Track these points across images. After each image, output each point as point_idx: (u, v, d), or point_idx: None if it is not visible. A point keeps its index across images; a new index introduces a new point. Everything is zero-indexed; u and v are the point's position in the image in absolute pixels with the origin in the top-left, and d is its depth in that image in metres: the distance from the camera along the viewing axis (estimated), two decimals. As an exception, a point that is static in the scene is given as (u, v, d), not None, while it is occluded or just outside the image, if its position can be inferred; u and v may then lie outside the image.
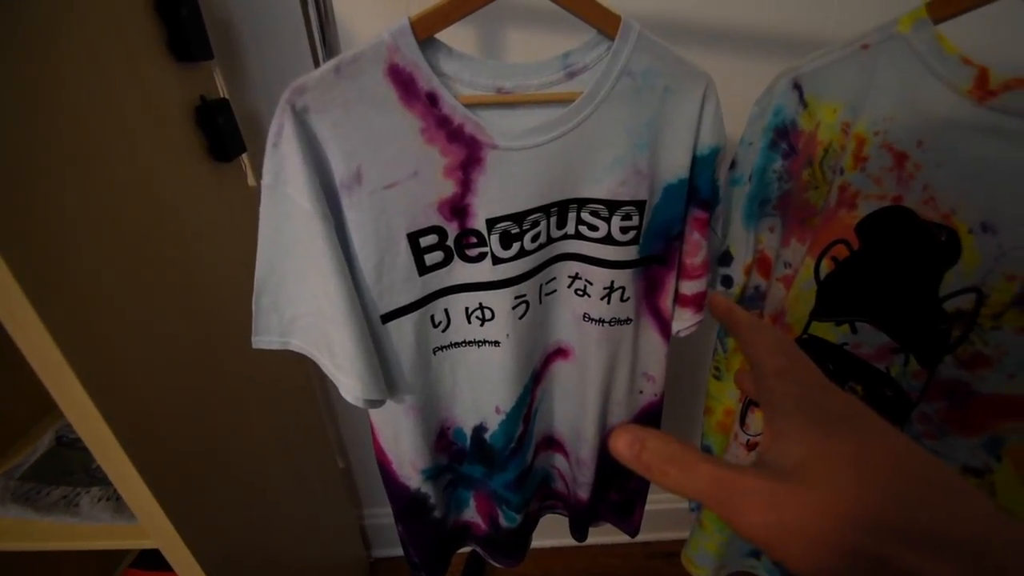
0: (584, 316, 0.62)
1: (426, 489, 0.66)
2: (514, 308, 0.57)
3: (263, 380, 0.79)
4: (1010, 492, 0.43)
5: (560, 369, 0.67)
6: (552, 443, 0.74)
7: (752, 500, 0.18)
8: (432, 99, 0.46)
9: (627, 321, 0.62)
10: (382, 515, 1.20)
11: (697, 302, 0.64)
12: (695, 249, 0.61)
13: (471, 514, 0.76)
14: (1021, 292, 0.40)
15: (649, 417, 0.71)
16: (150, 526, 0.57)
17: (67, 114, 0.48)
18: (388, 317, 0.53)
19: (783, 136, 0.59)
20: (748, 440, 0.64)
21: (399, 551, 1.25)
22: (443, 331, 0.58)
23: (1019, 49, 0.55)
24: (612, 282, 0.59)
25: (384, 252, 0.50)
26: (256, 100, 0.79)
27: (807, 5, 0.74)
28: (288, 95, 0.42)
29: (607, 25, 0.50)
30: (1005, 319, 0.41)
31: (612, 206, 0.55)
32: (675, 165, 0.55)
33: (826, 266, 0.55)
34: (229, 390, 0.71)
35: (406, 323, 0.54)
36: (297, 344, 0.52)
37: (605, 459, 0.72)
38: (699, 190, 0.57)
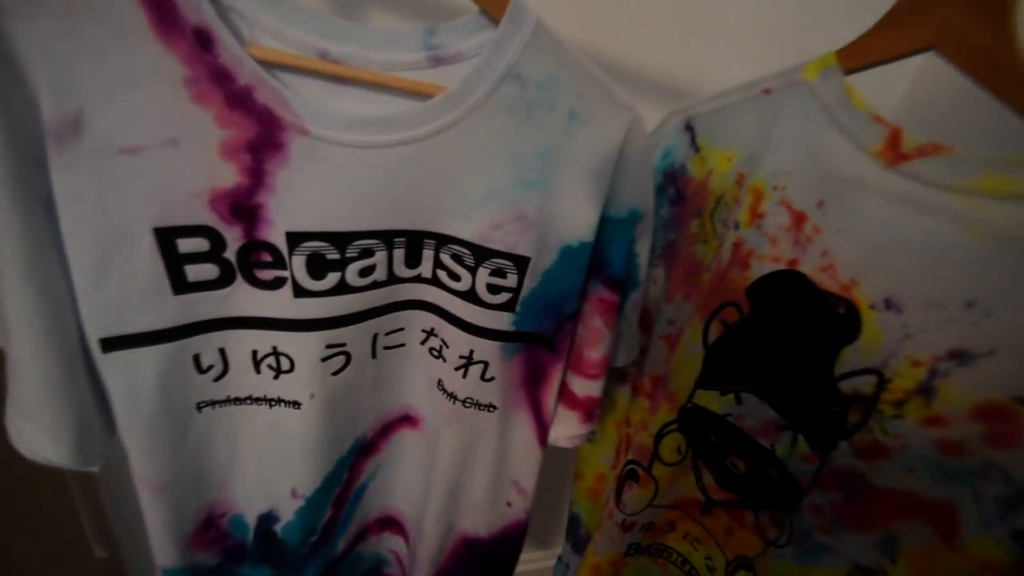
0: (438, 383, 0.48)
1: None
2: (324, 360, 0.41)
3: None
4: (905, 601, 0.37)
5: (407, 440, 0.52)
6: (390, 523, 0.58)
7: None
8: (203, 39, 0.31)
9: (489, 408, 0.48)
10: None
11: (588, 407, 0.51)
12: (595, 339, 0.47)
13: None
14: (927, 381, 0.35)
15: (514, 539, 0.57)
16: None
17: None
18: (114, 344, 0.35)
19: (672, 180, 0.52)
20: (624, 520, 0.55)
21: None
22: (215, 380, 0.41)
23: (934, 111, 0.53)
24: (471, 352, 0.45)
25: (112, 246, 0.33)
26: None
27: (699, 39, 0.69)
28: None
29: (493, 5, 0.36)
30: (908, 408, 0.36)
31: (480, 253, 0.41)
32: (575, 222, 0.42)
33: (715, 330, 0.48)
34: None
35: (145, 358, 0.36)
36: None
37: (449, 569, 0.56)
38: (608, 263, 0.45)
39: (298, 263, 0.37)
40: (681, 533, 0.57)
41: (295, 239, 0.37)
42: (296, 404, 0.42)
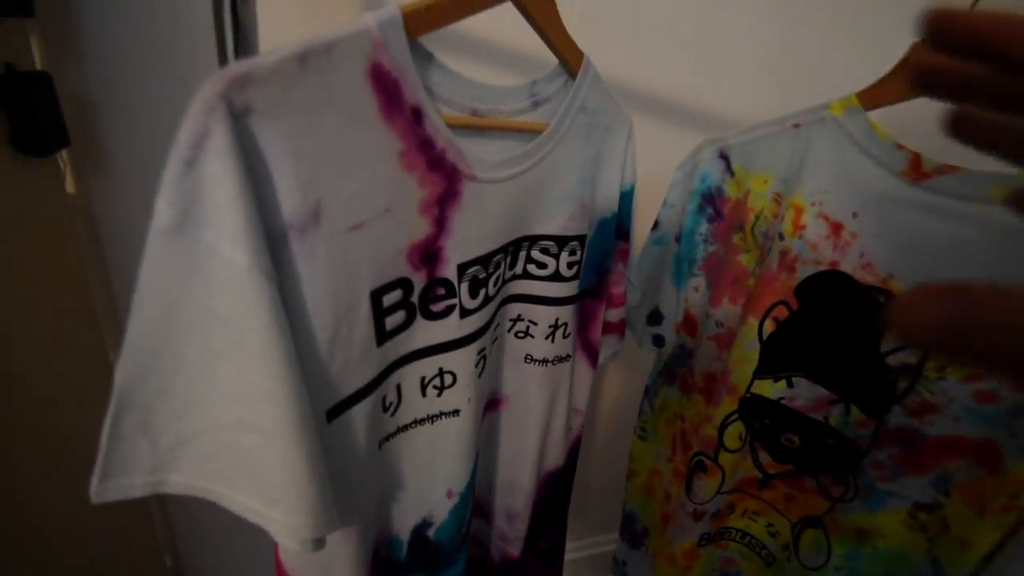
0: (526, 358, 0.55)
1: None
2: (476, 366, 0.47)
3: (48, 439, 0.52)
4: (962, 524, 0.46)
5: (490, 422, 0.57)
6: (475, 509, 0.62)
7: None
8: (417, 115, 0.34)
9: (567, 358, 0.57)
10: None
11: (621, 328, 0.63)
12: (619, 279, 0.60)
13: None
14: (963, 347, 0.44)
15: (576, 452, 0.66)
16: None
17: None
18: (336, 411, 0.36)
19: (709, 201, 0.60)
20: (695, 509, 0.61)
21: None
22: (392, 415, 0.43)
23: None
24: (557, 319, 0.54)
25: (341, 320, 0.34)
26: (85, 78, 0.54)
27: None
28: (221, 86, 0.26)
29: (571, 59, 0.46)
30: (949, 371, 0.45)
31: (561, 242, 0.51)
32: (610, 200, 0.54)
33: (768, 327, 0.56)
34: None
35: (358, 415, 0.38)
36: (180, 481, 0.31)
37: (539, 506, 0.64)
38: (623, 223, 0.57)
39: (464, 289, 0.42)
40: (740, 512, 0.64)
41: (462, 269, 0.41)
42: (456, 412, 0.46)
